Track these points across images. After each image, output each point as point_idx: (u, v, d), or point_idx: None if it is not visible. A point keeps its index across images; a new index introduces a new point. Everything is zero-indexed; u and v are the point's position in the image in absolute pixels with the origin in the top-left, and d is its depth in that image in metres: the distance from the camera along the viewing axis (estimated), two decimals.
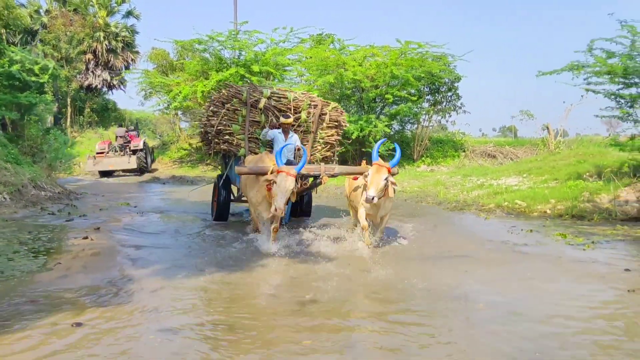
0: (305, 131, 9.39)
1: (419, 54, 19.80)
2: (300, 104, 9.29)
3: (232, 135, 9.03)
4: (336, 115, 9.61)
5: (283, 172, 6.53)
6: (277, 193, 6.45)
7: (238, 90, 9.21)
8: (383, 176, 6.71)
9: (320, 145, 9.53)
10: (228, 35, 21.50)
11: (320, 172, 7.53)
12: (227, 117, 9.08)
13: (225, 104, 9.11)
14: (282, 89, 9.76)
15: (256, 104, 9.01)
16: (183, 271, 5.90)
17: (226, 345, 3.84)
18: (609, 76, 11.16)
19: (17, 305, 4.67)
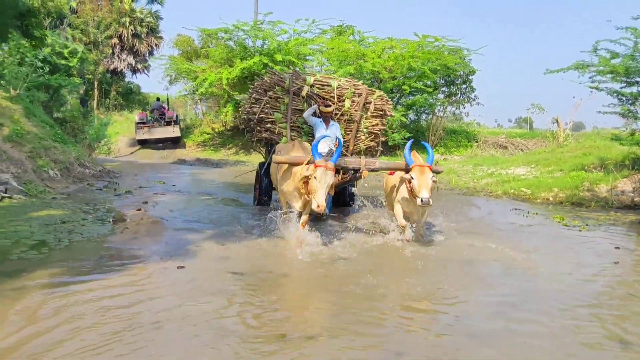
0: (348, 120, 9.05)
1: (436, 47, 20.68)
2: (344, 92, 9.02)
3: (274, 124, 8.86)
4: (381, 104, 9.23)
5: (322, 166, 6.21)
6: (317, 188, 6.12)
7: (281, 77, 9.02)
8: (430, 176, 6.64)
9: (364, 135, 9.16)
10: (252, 25, 22.52)
11: (360, 165, 7.23)
12: (270, 105, 8.92)
13: (267, 91, 8.96)
14: (325, 76, 9.51)
15: (299, 92, 8.84)
16: (231, 236, 6.99)
17: (276, 285, 4.95)
18: (612, 75, 12.04)
19: (117, 257, 5.83)
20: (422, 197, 6.45)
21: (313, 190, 6.17)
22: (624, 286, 5.50)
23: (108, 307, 4.17)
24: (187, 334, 3.73)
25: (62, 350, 3.38)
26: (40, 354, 3.32)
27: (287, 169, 7.02)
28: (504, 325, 4.20)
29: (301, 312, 4.33)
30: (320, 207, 6.02)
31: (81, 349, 3.40)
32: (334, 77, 9.52)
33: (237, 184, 14.15)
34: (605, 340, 3.93)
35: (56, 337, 3.58)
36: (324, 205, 6.08)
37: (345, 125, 9.00)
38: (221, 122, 27.23)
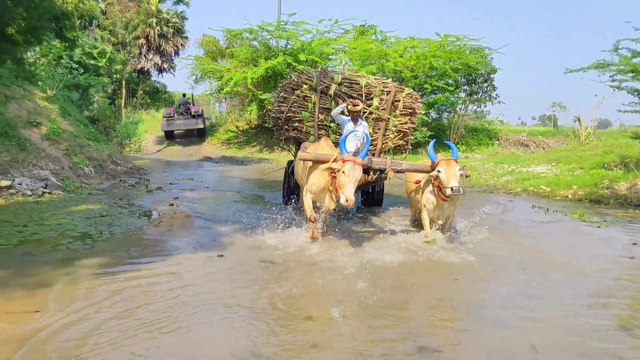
0: (377, 119, 8.86)
1: (457, 46, 20.87)
2: (373, 90, 8.81)
3: (302, 122, 8.86)
4: (410, 102, 9.00)
5: (350, 160, 6.19)
6: (345, 183, 6.09)
7: (308, 76, 8.91)
8: (457, 167, 6.56)
9: (393, 133, 8.93)
10: (277, 26, 22.99)
11: (386, 166, 7.16)
12: (297, 104, 8.88)
13: (295, 90, 8.91)
14: (354, 74, 9.33)
15: (326, 90, 8.71)
16: (258, 229, 7.38)
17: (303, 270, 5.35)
18: (633, 74, 12.15)
19: (157, 247, 6.30)
20: (452, 186, 6.35)
21: (341, 184, 6.12)
22: (638, 279, 5.76)
23: (155, 291, 4.63)
24: (227, 313, 4.16)
25: (121, 326, 3.83)
26: (100, 328, 3.78)
27: (312, 166, 6.90)
28: (518, 312, 4.54)
29: (327, 297, 4.71)
30: (349, 202, 5.98)
31: (135, 325, 3.85)
32: (362, 74, 9.35)
33: (262, 181, 14.62)
34: (612, 327, 4.22)
35: (113, 314, 4.04)
36: (353, 200, 6.03)
37: (374, 123, 8.84)
38: (246, 120, 27.78)
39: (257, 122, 26.85)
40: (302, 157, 6.94)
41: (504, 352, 3.68)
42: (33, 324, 3.81)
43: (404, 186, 8.57)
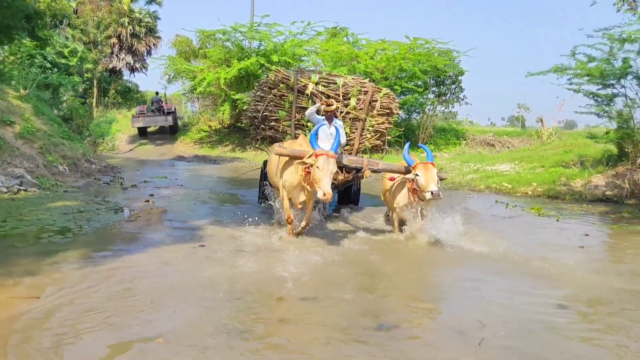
0: (354, 119, 8.88)
1: (426, 49, 21.52)
2: (350, 89, 8.84)
3: (278, 122, 8.88)
4: (388, 102, 9.05)
5: (323, 154, 6.24)
6: (321, 177, 6.10)
7: (285, 75, 8.90)
8: (435, 171, 6.68)
9: (370, 133, 8.97)
10: (250, 27, 23.30)
11: (363, 165, 7.23)
12: (274, 103, 8.89)
13: (272, 89, 8.90)
14: (331, 74, 9.36)
15: (304, 90, 8.73)
16: (233, 223, 7.74)
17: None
18: (588, 78, 12.87)
19: (137, 240, 6.61)
20: (432, 190, 6.45)
21: (317, 179, 6.13)
22: (583, 263, 6.32)
23: (137, 277, 4.98)
24: (204, 294, 4.54)
25: (112, 305, 4.17)
26: (93, 308, 4.11)
27: (287, 162, 6.90)
28: (470, 293, 5.03)
29: (297, 279, 5.12)
30: (326, 196, 5.98)
31: (126, 305, 4.21)
32: (340, 74, 9.33)
33: (236, 180, 14.95)
34: (552, 305, 4.71)
35: (105, 295, 4.40)
36: (331, 193, 6.04)
37: (351, 123, 8.84)
38: (218, 120, 27.98)
39: (230, 121, 27.08)
40: (278, 151, 6.91)
41: (455, 327, 4.13)
42: (26, 307, 4.12)
43: (379, 183, 8.83)
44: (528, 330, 4.08)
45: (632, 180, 11.74)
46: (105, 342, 3.53)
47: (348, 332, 3.89)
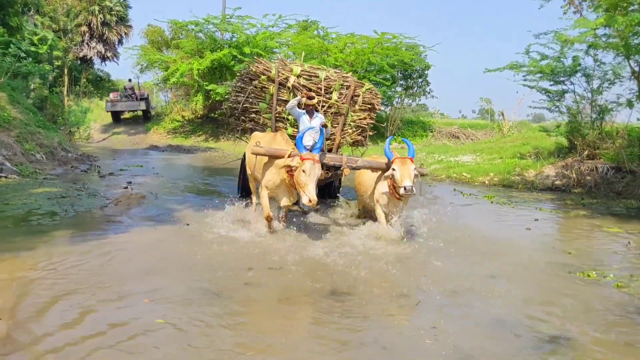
0: (335, 113, 8.70)
1: (394, 43, 22.28)
2: (332, 83, 8.66)
3: (259, 114, 8.76)
4: (370, 97, 8.95)
5: (310, 159, 6.12)
6: (307, 182, 6.00)
7: (267, 66, 8.70)
8: (412, 166, 6.55)
9: (352, 128, 8.86)
10: (222, 19, 23.71)
11: (342, 162, 7.14)
12: (255, 94, 8.75)
13: (253, 80, 8.74)
14: (313, 67, 9.14)
15: (285, 82, 8.54)
16: (207, 207, 8.34)
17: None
18: (540, 75, 13.82)
19: (120, 222, 7.18)
20: (405, 185, 6.36)
21: (303, 184, 6.02)
22: (525, 242, 7.17)
23: (122, 252, 5.62)
24: (185, 265, 5.19)
25: (109, 271, 4.78)
26: (87, 277, 4.72)
27: (268, 161, 6.81)
28: (426, 280, 5.79)
29: (267, 247, 5.81)
30: (312, 202, 5.89)
31: (110, 272, 4.83)
32: (322, 67, 9.19)
33: (211, 168, 15.49)
34: (485, 275, 5.48)
35: (96, 265, 5.02)
36: (316, 200, 5.95)
37: (332, 118, 8.66)
38: (191, 110, 28.32)
39: (203, 112, 27.45)
40: (255, 151, 6.72)
41: (399, 292, 4.86)
42: (26, 274, 4.71)
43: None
44: (457, 293, 4.85)
45: (579, 170, 12.74)
46: (97, 298, 4.17)
47: (306, 294, 4.60)
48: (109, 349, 3.37)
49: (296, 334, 3.90)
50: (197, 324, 3.83)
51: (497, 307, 4.49)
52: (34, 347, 3.33)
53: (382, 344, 3.68)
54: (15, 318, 3.78)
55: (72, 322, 3.76)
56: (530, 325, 4.12)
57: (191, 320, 3.88)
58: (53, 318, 3.84)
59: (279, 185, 6.68)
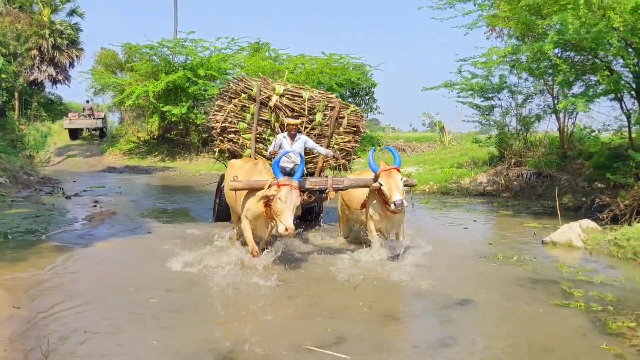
0: (319, 135, 8.43)
1: (341, 64, 23.70)
2: (316, 104, 8.38)
3: (238, 134, 8.38)
4: (355, 120, 8.70)
5: (286, 185, 5.73)
6: (283, 210, 5.62)
7: (248, 84, 8.36)
8: (399, 177, 6.23)
9: (336, 152, 8.51)
10: (176, 43, 24.59)
11: (327, 185, 6.76)
12: (234, 114, 8.37)
13: (233, 98, 8.41)
14: (296, 86, 8.84)
15: (267, 102, 8.22)
16: (173, 220, 9.29)
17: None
18: (471, 92, 15.37)
19: (99, 234, 8.02)
20: (395, 200, 6.03)
21: (279, 212, 5.63)
22: (458, 238, 8.43)
23: (101, 256, 6.54)
24: (156, 260, 6.15)
25: (94, 271, 5.69)
26: (67, 278, 5.62)
27: (248, 192, 6.34)
28: (369, 273, 6.91)
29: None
30: (288, 231, 5.52)
31: (102, 269, 5.75)
32: (306, 87, 8.89)
33: (169, 186, 16.28)
34: (415, 264, 6.61)
35: (85, 265, 5.91)
36: (293, 228, 5.57)
37: (316, 140, 8.29)
38: (147, 131, 28.89)
39: (159, 132, 28.08)
40: (233, 187, 6.28)
41: (338, 279, 5.94)
42: (26, 278, 5.57)
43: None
44: (386, 279, 5.95)
45: (507, 177, 14.29)
46: (92, 286, 5.10)
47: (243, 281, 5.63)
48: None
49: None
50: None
51: (423, 286, 5.62)
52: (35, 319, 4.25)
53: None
54: (32, 306, 4.68)
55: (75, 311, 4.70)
56: (445, 294, 5.29)
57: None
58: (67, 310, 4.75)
59: (257, 217, 6.23)
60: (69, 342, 3.87)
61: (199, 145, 26.23)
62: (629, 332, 4.17)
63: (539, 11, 9.59)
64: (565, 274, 6.06)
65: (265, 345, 3.90)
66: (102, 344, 3.89)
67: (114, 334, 4.08)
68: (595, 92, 9.40)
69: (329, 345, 3.89)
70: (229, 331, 4.23)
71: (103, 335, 4.07)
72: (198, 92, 23.99)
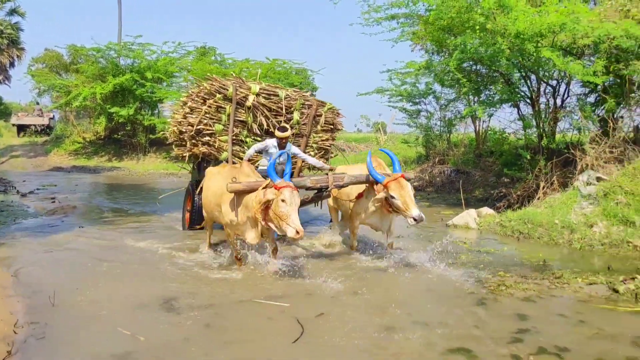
0: (297, 134, 8.29)
1: (284, 68, 25.05)
2: (293, 103, 8.22)
3: (214, 136, 8.01)
4: (332, 117, 8.60)
5: (287, 186, 5.46)
6: (289, 212, 5.34)
7: (223, 84, 8.00)
8: (410, 187, 6.03)
9: (314, 150, 8.49)
10: (123, 46, 25.27)
11: (329, 183, 6.57)
12: (209, 115, 8.00)
13: (207, 99, 8.03)
14: (272, 85, 8.58)
15: (243, 102, 7.93)
16: (133, 214, 10.37)
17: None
18: (400, 97, 17.07)
19: (63, 225, 9.03)
20: (414, 216, 5.73)
21: (285, 215, 5.35)
22: None
23: (68, 241, 7.65)
24: (125, 251, 7.33)
25: (53, 259, 6.82)
26: (41, 261, 6.74)
27: (236, 197, 5.98)
28: None
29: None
30: (299, 234, 5.24)
31: (64, 257, 6.88)
32: (281, 86, 8.75)
33: (119, 184, 17.14)
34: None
35: (46, 254, 7.02)
36: (303, 231, 5.32)
37: (293, 139, 8.16)
38: (93, 132, 29.27)
39: (105, 133, 28.53)
40: (232, 188, 5.85)
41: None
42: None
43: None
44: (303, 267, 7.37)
45: (432, 174, 16.04)
46: (64, 269, 6.26)
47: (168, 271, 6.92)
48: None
49: None
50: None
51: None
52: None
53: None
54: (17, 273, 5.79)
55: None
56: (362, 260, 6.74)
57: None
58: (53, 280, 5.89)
59: (244, 223, 5.97)
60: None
61: (146, 146, 26.97)
62: (489, 280, 5.72)
63: (450, 30, 11.26)
64: (458, 247, 7.64)
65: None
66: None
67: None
68: (492, 101, 11.17)
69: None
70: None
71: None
72: (145, 95, 24.75)
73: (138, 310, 4.67)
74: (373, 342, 4.00)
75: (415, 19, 11.96)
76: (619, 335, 4.12)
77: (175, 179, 20.88)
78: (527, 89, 11.61)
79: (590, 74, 8.74)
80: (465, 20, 9.78)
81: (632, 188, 7.84)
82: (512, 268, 6.29)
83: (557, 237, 7.74)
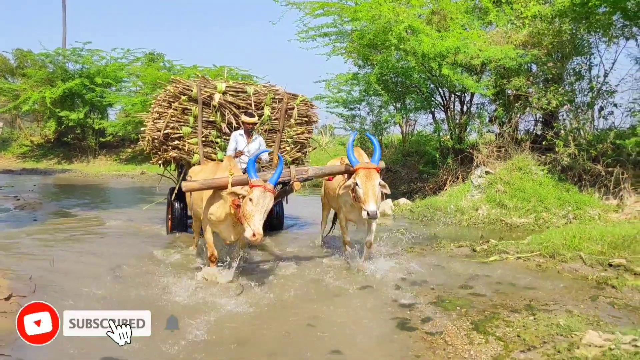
0: (270, 130, 8.02)
1: (231, 75, 26.40)
2: (262, 98, 7.98)
3: (182, 140, 7.83)
4: (305, 110, 8.38)
5: (259, 186, 5.26)
6: (253, 213, 5.15)
7: (186, 85, 7.81)
8: (377, 181, 5.75)
9: (289, 145, 8.26)
10: (72, 51, 26.06)
11: (291, 176, 6.26)
12: (176, 119, 7.81)
13: (172, 103, 7.83)
14: (239, 82, 8.44)
15: (209, 101, 7.72)
16: (96, 207, 11.68)
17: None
18: (336, 104, 18.89)
19: (33, 217, 10.26)
20: (369, 210, 5.59)
21: (248, 215, 5.17)
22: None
23: (48, 229, 8.97)
24: (109, 241, 8.73)
25: (43, 244, 8.18)
26: (35, 248, 8.09)
27: (212, 192, 5.89)
28: None
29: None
30: (256, 236, 5.06)
31: (51, 240, 8.25)
32: (249, 82, 8.52)
33: (73, 185, 18.17)
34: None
35: (33, 238, 8.38)
36: (261, 234, 5.14)
37: (267, 135, 7.93)
38: (41, 135, 29.73)
39: (54, 136, 29.07)
40: (188, 188, 5.87)
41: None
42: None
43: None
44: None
45: None
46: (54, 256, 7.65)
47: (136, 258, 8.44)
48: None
49: None
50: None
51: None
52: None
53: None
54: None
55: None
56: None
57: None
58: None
59: (222, 220, 5.80)
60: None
61: (96, 149, 27.77)
62: (395, 252, 7.51)
63: (375, 47, 13.15)
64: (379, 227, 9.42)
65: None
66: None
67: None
68: (408, 108, 13.16)
69: None
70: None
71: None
72: (95, 99, 25.62)
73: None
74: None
75: (344, 36, 13.79)
76: (466, 275, 6.03)
77: (127, 179, 22.02)
78: (440, 98, 13.68)
79: (480, 88, 10.81)
80: (384, 40, 11.68)
81: (509, 179, 9.93)
82: (414, 241, 7.89)
83: (452, 218, 9.73)
